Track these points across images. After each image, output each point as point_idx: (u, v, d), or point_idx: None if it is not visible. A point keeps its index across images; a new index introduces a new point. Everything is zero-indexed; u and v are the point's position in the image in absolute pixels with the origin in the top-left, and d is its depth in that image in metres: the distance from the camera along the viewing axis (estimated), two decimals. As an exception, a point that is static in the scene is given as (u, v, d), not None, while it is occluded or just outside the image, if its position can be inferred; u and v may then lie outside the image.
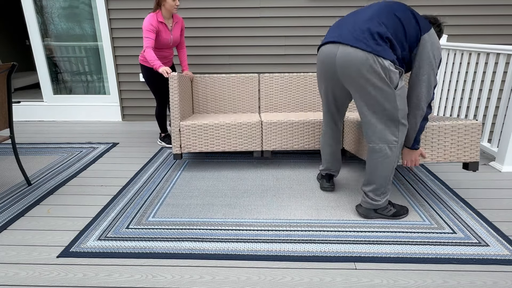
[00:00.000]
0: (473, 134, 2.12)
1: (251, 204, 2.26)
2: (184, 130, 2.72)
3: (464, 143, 2.14)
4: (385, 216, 2.07)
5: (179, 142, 2.73)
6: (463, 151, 2.15)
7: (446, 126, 2.09)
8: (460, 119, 2.19)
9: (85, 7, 4.11)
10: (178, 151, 2.75)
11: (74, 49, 4.32)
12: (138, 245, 1.84)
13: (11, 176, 2.73)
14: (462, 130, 2.11)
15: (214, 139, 2.75)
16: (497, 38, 3.95)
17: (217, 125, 2.72)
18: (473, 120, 2.12)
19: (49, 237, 1.92)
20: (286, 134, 2.80)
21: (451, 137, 2.12)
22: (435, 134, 2.11)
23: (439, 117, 2.38)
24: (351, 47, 1.81)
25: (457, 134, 2.11)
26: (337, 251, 1.77)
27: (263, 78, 3.31)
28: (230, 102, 3.35)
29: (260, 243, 1.85)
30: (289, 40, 4.06)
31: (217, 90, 3.31)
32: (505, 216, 2.10)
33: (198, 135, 2.73)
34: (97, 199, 2.36)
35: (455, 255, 1.73)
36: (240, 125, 2.74)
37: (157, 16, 2.93)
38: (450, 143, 2.13)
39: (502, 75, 3.11)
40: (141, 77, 4.23)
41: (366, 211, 2.07)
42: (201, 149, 2.77)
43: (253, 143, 2.81)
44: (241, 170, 2.82)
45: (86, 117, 4.47)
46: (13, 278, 1.60)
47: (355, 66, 1.82)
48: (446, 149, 2.13)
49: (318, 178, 2.54)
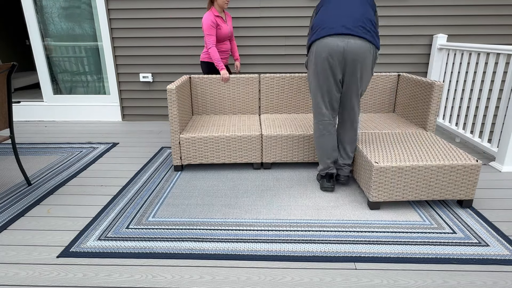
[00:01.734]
0: (471, 174, 2.11)
1: (251, 204, 2.26)
2: (184, 143, 2.73)
3: (461, 182, 2.13)
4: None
5: (179, 154, 2.76)
6: (459, 189, 2.15)
7: (445, 167, 2.08)
8: (461, 156, 2.15)
9: (85, 7, 4.11)
10: (178, 163, 2.79)
11: (74, 49, 4.32)
12: (138, 245, 1.84)
13: (11, 176, 2.73)
14: (461, 171, 2.10)
15: (214, 151, 2.76)
16: (497, 38, 3.95)
17: (217, 138, 2.71)
18: (473, 161, 2.10)
19: (49, 237, 1.93)
20: (286, 147, 2.78)
21: (450, 177, 2.11)
22: (434, 174, 2.10)
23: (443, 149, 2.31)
24: (361, 39, 2.01)
25: (455, 174, 2.11)
26: (337, 251, 1.77)
27: (263, 79, 3.23)
28: (230, 103, 3.31)
29: (260, 243, 1.85)
30: (289, 40, 4.05)
31: (216, 91, 3.27)
32: (505, 216, 2.10)
33: (198, 147, 2.74)
34: (97, 199, 2.36)
35: (455, 255, 1.73)
36: (240, 138, 2.72)
37: (212, 12, 3.12)
38: (448, 182, 2.12)
39: (502, 75, 3.11)
40: (141, 77, 4.22)
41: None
42: (201, 161, 2.78)
43: (253, 156, 2.79)
44: (241, 170, 2.82)
45: (86, 117, 4.47)
46: (13, 278, 1.60)
47: (364, 54, 2.04)
48: (443, 188, 2.14)
49: (318, 178, 2.55)
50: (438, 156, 2.18)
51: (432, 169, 2.08)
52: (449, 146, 2.35)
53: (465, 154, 2.19)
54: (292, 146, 2.77)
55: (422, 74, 4.09)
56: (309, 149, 2.79)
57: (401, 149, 2.31)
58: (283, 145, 2.76)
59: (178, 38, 4.09)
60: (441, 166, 2.08)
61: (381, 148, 2.34)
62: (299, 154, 2.79)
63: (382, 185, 2.12)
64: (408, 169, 2.08)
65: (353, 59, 2.03)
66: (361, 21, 2.01)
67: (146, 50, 4.15)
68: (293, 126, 2.89)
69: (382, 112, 3.31)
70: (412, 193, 2.15)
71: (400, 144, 2.41)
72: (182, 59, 4.17)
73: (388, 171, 2.09)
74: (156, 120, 4.43)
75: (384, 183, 2.12)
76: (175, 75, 4.24)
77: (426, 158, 2.14)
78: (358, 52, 2.01)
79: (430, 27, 3.91)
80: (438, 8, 3.85)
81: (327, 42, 2.02)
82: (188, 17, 4.00)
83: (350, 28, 2.00)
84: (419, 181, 2.11)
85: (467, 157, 2.14)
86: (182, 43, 4.10)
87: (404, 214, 2.12)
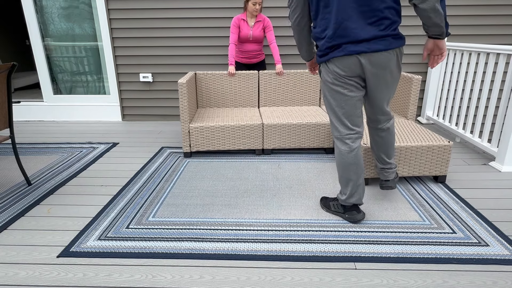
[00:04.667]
0: (444, 153, 2.45)
1: (251, 204, 2.26)
2: (193, 131, 3.02)
3: (436, 161, 2.47)
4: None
5: (189, 142, 3.06)
6: (435, 166, 2.49)
7: (422, 147, 2.42)
8: (436, 139, 2.49)
9: (85, 7, 4.11)
10: (188, 150, 3.08)
11: (74, 49, 4.32)
12: (138, 245, 1.84)
13: (11, 176, 2.73)
14: (436, 150, 2.44)
15: (220, 139, 3.08)
16: (497, 38, 3.95)
17: (223, 127, 3.03)
18: (446, 142, 2.44)
19: (49, 237, 1.93)
20: (284, 135, 3.11)
21: (426, 156, 2.45)
22: (413, 153, 2.44)
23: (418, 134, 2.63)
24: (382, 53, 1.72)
25: (431, 153, 2.45)
26: (337, 251, 1.77)
27: (262, 75, 3.59)
28: (232, 97, 3.64)
29: (260, 243, 1.85)
30: (289, 40, 4.06)
31: (220, 86, 3.60)
32: (505, 216, 2.10)
33: (206, 135, 3.05)
34: (97, 199, 2.36)
35: (455, 255, 1.73)
36: (243, 127, 3.05)
37: (242, 15, 3.47)
38: (425, 160, 2.47)
39: (502, 75, 3.11)
40: (141, 77, 4.23)
41: (395, 181, 2.20)
42: (208, 148, 3.09)
43: (255, 143, 3.12)
44: (241, 170, 2.82)
45: (86, 117, 4.47)
46: (13, 278, 1.60)
47: (388, 66, 1.76)
48: (421, 166, 2.48)
49: (338, 209, 2.10)
50: (416, 139, 2.51)
51: (412, 150, 2.43)
52: (426, 131, 2.67)
53: (439, 137, 2.52)
54: (289, 133, 3.11)
55: (422, 74, 4.09)
56: (305, 136, 3.13)
57: None
58: (281, 133, 3.10)
59: (178, 38, 4.09)
60: (419, 146, 2.42)
61: (367, 133, 2.68)
62: (296, 141, 3.15)
63: (368, 164, 2.45)
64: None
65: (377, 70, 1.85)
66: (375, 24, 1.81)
67: (146, 50, 4.15)
68: (290, 116, 3.23)
69: None
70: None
71: None
72: (182, 59, 4.17)
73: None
74: (156, 120, 4.43)
75: (370, 163, 2.45)
76: (175, 75, 4.24)
77: (406, 141, 2.48)
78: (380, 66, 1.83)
79: (430, 27, 3.91)
80: (438, 8, 3.85)
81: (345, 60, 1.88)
82: (188, 17, 4.00)
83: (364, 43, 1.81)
84: (401, 160, 2.45)
85: (441, 139, 2.48)
86: (182, 43, 4.10)
87: (404, 214, 2.12)
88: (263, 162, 2.97)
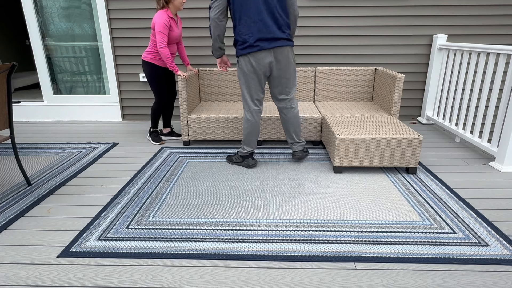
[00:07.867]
0: (414, 146, 2.61)
1: (251, 204, 2.26)
2: (191, 122, 3.32)
3: (407, 153, 2.63)
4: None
5: (187, 131, 3.36)
6: (405, 158, 2.65)
7: (393, 140, 2.60)
8: (408, 132, 2.65)
9: (85, 7, 4.11)
10: (186, 139, 3.40)
11: (74, 49, 4.32)
12: (138, 245, 1.84)
13: (11, 176, 2.73)
14: (406, 143, 2.60)
15: (215, 130, 3.36)
16: (497, 38, 3.95)
17: (217, 119, 3.31)
18: (416, 135, 2.59)
19: (49, 237, 1.93)
20: (274, 127, 3.34)
21: (397, 147, 2.62)
22: (384, 144, 2.62)
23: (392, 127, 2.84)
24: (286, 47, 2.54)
25: (402, 145, 2.61)
26: (337, 251, 1.77)
27: None
28: (231, 92, 3.92)
29: (260, 243, 1.85)
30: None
31: (220, 82, 3.88)
32: (505, 216, 2.10)
33: (202, 126, 3.34)
34: (97, 199, 2.36)
35: (455, 255, 1.73)
36: (236, 119, 3.31)
37: (167, 12, 3.05)
38: (395, 152, 2.64)
39: (502, 75, 3.11)
40: (141, 77, 4.23)
41: (303, 153, 2.87)
42: (205, 137, 3.38)
43: None
44: (241, 170, 2.82)
45: (86, 117, 4.47)
46: (13, 278, 1.60)
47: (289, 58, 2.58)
48: (392, 157, 2.65)
49: (238, 160, 2.87)
50: (390, 132, 2.68)
51: (383, 141, 2.61)
52: (403, 126, 2.82)
53: (412, 131, 2.69)
54: (276, 126, 3.34)
55: (422, 74, 4.09)
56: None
57: (363, 127, 2.83)
58: (271, 125, 3.33)
59: (178, 38, 4.09)
60: (389, 139, 2.60)
61: (347, 126, 2.86)
62: (282, 134, 3.38)
63: (343, 153, 2.66)
64: (363, 140, 2.63)
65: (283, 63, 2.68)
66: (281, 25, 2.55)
67: (146, 50, 4.14)
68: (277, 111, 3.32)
69: (361, 101, 3.86)
70: (367, 160, 2.68)
71: (364, 124, 2.92)
72: (182, 59, 4.16)
73: (348, 142, 2.63)
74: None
75: (345, 152, 2.65)
76: (175, 75, 4.24)
77: (379, 133, 2.66)
78: (285, 59, 2.64)
79: (430, 27, 3.91)
80: (438, 8, 3.85)
81: (261, 55, 2.61)
82: (188, 17, 4.00)
83: (277, 39, 2.57)
84: (373, 151, 2.64)
85: (413, 133, 2.65)
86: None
87: (404, 214, 2.12)
88: (263, 162, 2.97)
